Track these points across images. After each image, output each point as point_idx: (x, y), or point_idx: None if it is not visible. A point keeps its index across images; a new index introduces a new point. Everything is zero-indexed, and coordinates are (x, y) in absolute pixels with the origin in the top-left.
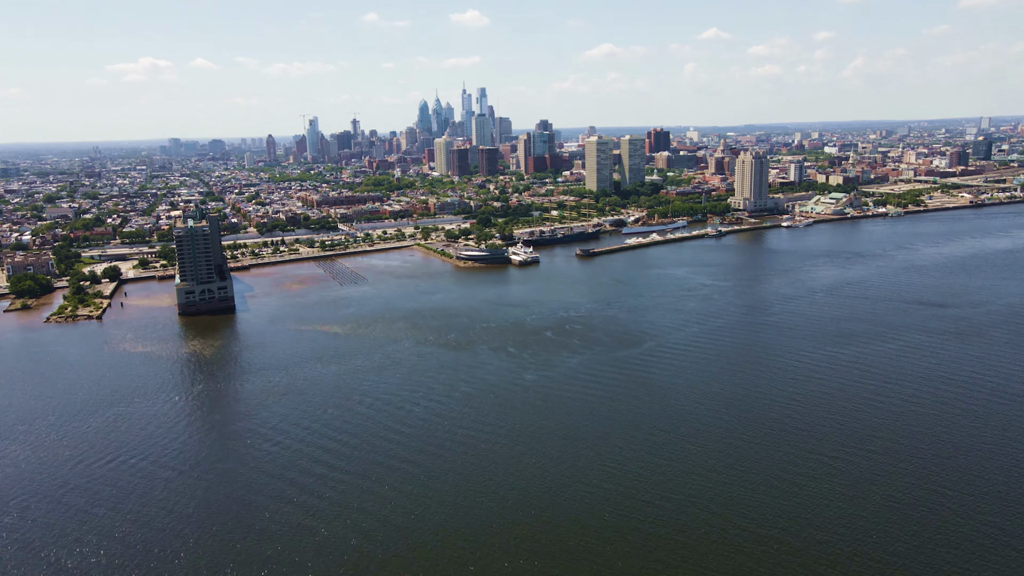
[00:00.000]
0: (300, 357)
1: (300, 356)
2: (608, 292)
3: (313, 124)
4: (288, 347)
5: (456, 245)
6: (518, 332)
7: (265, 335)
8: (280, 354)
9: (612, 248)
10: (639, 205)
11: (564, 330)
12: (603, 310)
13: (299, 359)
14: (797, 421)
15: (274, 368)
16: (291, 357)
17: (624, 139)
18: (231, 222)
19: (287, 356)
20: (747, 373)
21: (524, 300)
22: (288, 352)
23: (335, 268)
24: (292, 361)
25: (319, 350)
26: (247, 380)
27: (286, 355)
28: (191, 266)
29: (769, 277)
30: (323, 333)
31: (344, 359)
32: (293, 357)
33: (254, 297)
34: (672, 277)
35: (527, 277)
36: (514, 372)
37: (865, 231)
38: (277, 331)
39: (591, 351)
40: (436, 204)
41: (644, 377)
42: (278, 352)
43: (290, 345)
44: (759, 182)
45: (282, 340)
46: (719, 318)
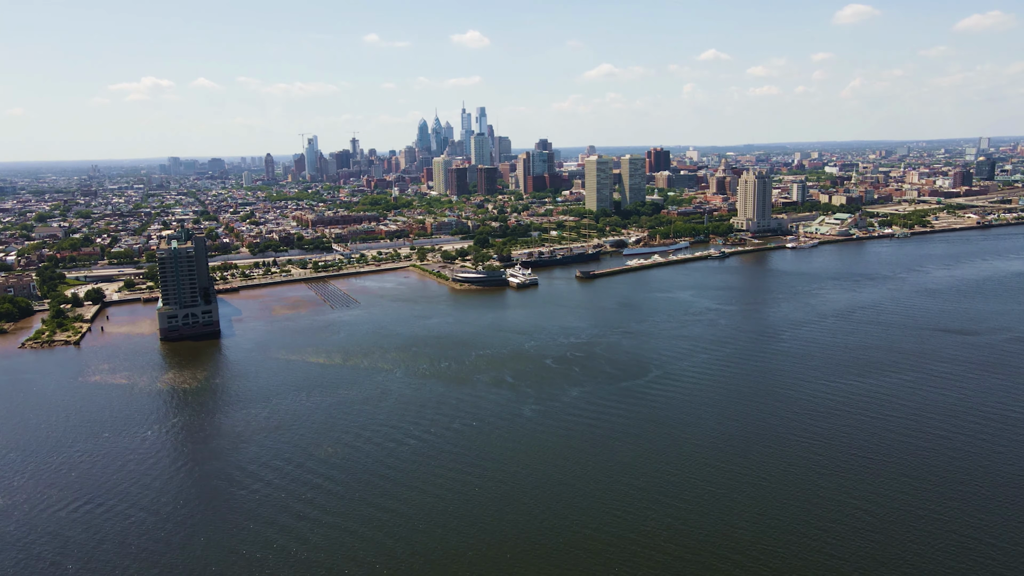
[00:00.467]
0: (286, 387)
1: (286, 386)
2: (610, 317)
3: (312, 143)
4: (274, 376)
5: (453, 267)
6: (516, 360)
7: (250, 363)
8: (265, 384)
9: (613, 270)
10: (640, 225)
11: (565, 358)
12: (605, 336)
13: (285, 389)
14: (817, 461)
15: (258, 399)
16: (277, 387)
17: (624, 158)
18: (223, 242)
19: (272, 386)
20: (760, 407)
21: (523, 325)
22: (274, 382)
23: (327, 290)
24: (278, 392)
25: (306, 380)
26: (230, 413)
27: (271, 385)
28: (174, 289)
29: (777, 301)
30: (311, 361)
31: (333, 390)
32: (279, 387)
33: (241, 321)
34: (676, 301)
35: (525, 300)
36: (512, 405)
37: (872, 252)
38: (263, 358)
39: (593, 381)
40: (433, 224)
41: (650, 411)
42: (263, 382)
43: (276, 374)
44: (762, 202)
45: (267, 368)
46: (727, 345)
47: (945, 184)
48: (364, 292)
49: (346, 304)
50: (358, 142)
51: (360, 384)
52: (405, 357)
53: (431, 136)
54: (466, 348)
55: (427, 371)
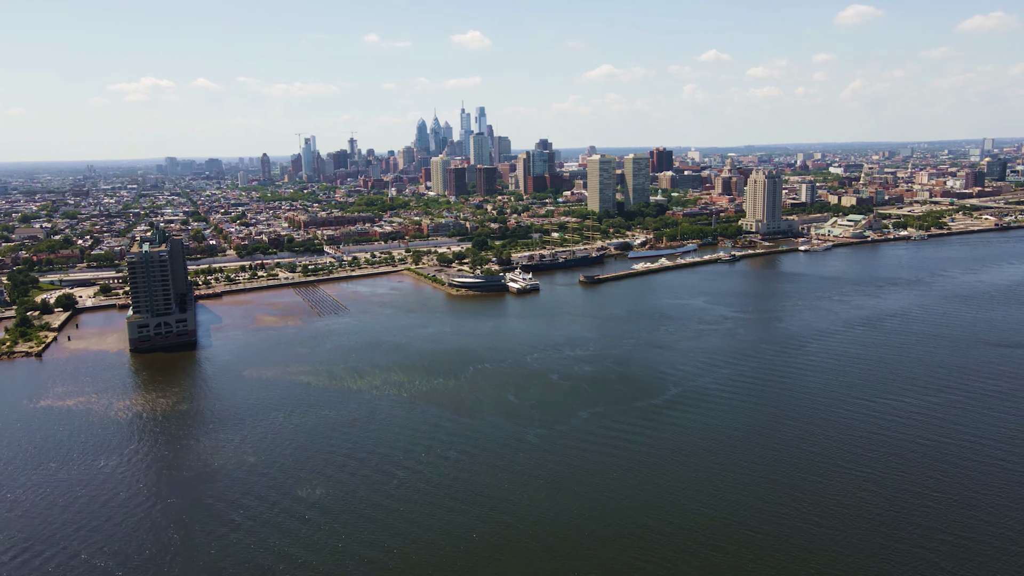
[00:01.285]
0: (264, 408)
1: (265, 406)
2: (618, 326)
3: (309, 143)
4: (251, 395)
5: (449, 271)
6: (519, 375)
7: (225, 379)
8: (241, 404)
9: (618, 274)
10: (644, 227)
11: (572, 373)
12: (614, 347)
13: (263, 410)
14: (870, 501)
15: (232, 423)
16: (254, 408)
17: (628, 157)
18: (210, 244)
19: (249, 407)
20: (795, 432)
21: (524, 335)
22: (251, 402)
23: (315, 296)
24: (255, 413)
25: (287, 399)
26: (199, 439)
27: (248, 406)
28: (145, 296)
29: (796, 308)
30: (294, 376)
31: (316, 410)
32: (256, 408)
33: (221, 330)
34: (688, 308)
35: (526, 308)
36: (515, 428)
37: (889, 255)
38: (240, 374)
39: (605, 400)
40: (430, 225)
41: (672, 437)
42: (239, 402)
43: (254, 392)
44: (772, 203)
45: (245, 386)
46: (750, 358)
47: (956, 185)
48: (355, 298)
49: (335, 311)
50: (356, 142)
51: (346, 404)
52: (397, 372)
53: (430, 136)
54: (463, 361)
55: (420, 388)
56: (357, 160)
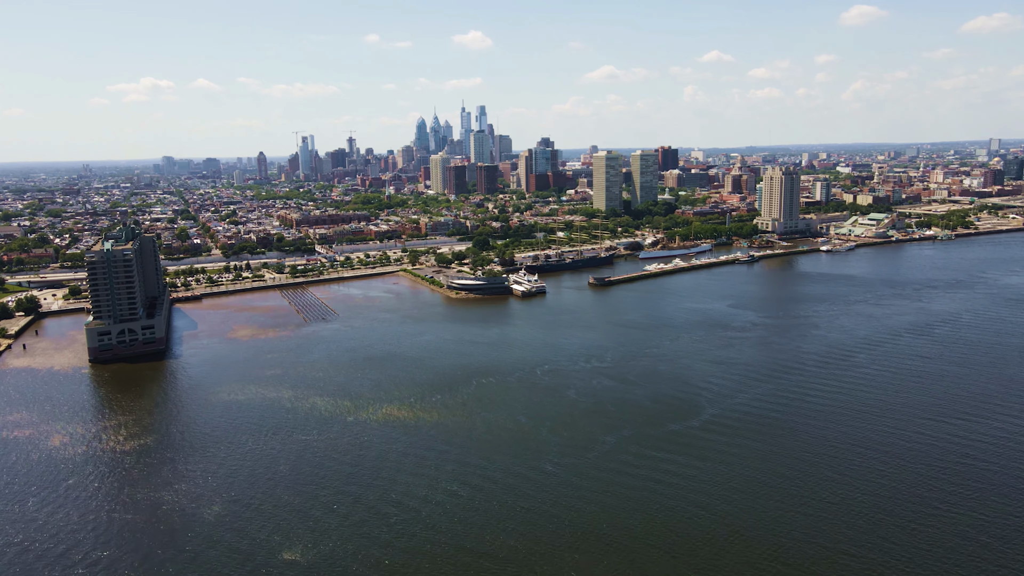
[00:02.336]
0: (239, 432)
1: (239, 430)
2: (638, 334)
3: (306, 141)
4: (224, 416)
5: (448, 272)
6: (529, 391)
7: (193, 398)
8: (212, 428)
9: (630, 276)
10: (654, 226)
11: (591, 389)
12: (636, 358)
13: (237, 435)
14: (980, 555)
15: (201, 453)
16: (226, 433)
17: (635, 154)
18: (194, 243)
19: (221, 431)
20: (866, 465)
21: (533, 343)
22: (223, 425)
23: (303, 299)
24: (227, 439)
25: (266, 421)
26: (161, 473)
27: (220, 429)
28: (107, 300)
29: (832, 313)
30: (273, 393)
31: (299, 435)
32: (229, 432)
33: (196, 337)
34: (712, 313)
35: (533, 312)
36: (528, 457)
37: (917, 256)
38: (212, 390)
39: (632, 422)
40: (428, 224)
41: (717, 470)
42: (209, 424)
43: (227, 413)
44: (790, 201)
45: (217, 405)
46: (793, 372)
47: (974, 184)
48: (346, 301)
49: (323, 316)
50: (355, 141)
51: (333, 428)
52: (391, 388)
53: (430, 135)
54: (466, 375)
55: (417, 408)
56: (356, 159)
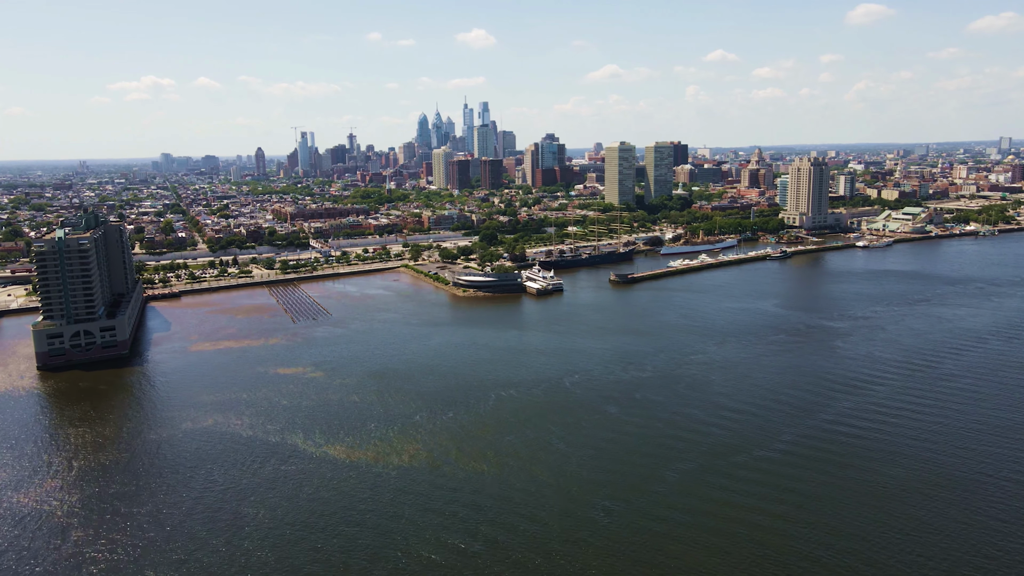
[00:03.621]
0: (206, 469)
1: (206, 465)
2: (676, 337)
3: (306, 137)
4: (188, 444)
5: (454, 268)
6: (560, 407)
7: (151, 419)
8: (172, 460)
9: (655, 272)
10: (671, 221)
11: (636, 405)
12: (681, 366)
13: (204, 473)
14: None
15: (153, 499)
16: (189, 470)
17: (649, 146)
18: (178, 237)
19: (183, 468)
20: (1013, 505)
21: (557, 349)
22: (186, 457)
23: (293, 297)
24: (190, 479)
25: (234, 456)
26: (100, 523)
27: (182, 464)
28: (58, 297)
29: (895, 314)
30: (250, 413)
31: (274, 466)
32: (193, 469)
33: (168, 340)
34: (757, 313)
35: (551, 312)
36: (573, 497)
37: (964, 252)
38: (176, 408)
39: (694, 450)
40: (431, 218)
41: (811, 517)
42: (169, 455)
43: (193, 440)
44: (818, 195)
45: (180, 428)
46: (873, 383)
47: (1001, 179)
48: (342, 299)
49: (314, 316)
50: (355, 137)
51: (316, 462)
52: (391, 403)
53: (431, 131)
54: (482, 386)
55: (425, 431)
56: (356, 156)
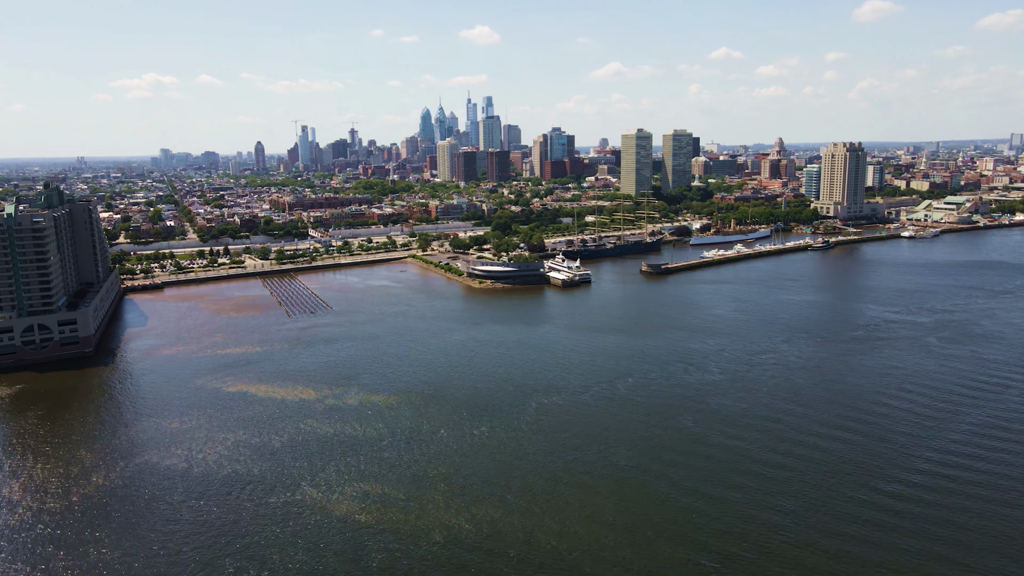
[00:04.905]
0: (160, 522)
1: (160, 521)
2: (735, 332)
3: (306, 131)
4: (141, 489)
5: (467, 257)
6: (621, 417)
7: (116, 432)
8: (129, 496)
9: (690, 263)
10: (694, 212)
11: (710, 414)
12: (753, 366)
13: (153, 530)
14: None
15: (97, 538)
16: (139, 526)
17: (667, 134)
18: (166, 225)
19: (134, 496)
20: None
21: (600, 347)
22: (136, 504)
23: (289, 289)
24: (139, 514)
25: (206, 508)
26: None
27: (134, 493)
28: (7, 284)
29: (982, 308)
30: (237, 433)
31: (266, 530)
32: (144, 525)
33: (141, 337)
34: (818, 306)
35: (581, 306)
36: (659, 552)
37: (1020, 242)
38: (140, 426)
39: (808, 477)
40: (439, 207)
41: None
42: (124, 489)
43: (145, 482)
44: (854, 183)
45: (140, 455)
46: (1000, 389)
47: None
48: (344, 292)
49: (311, 309)
50: (357, 132)
51: (311, 500)
52: (405, 417)
53: (435, 126)
54: (519, 391)
55: (455, 454)
56: (358, 150)
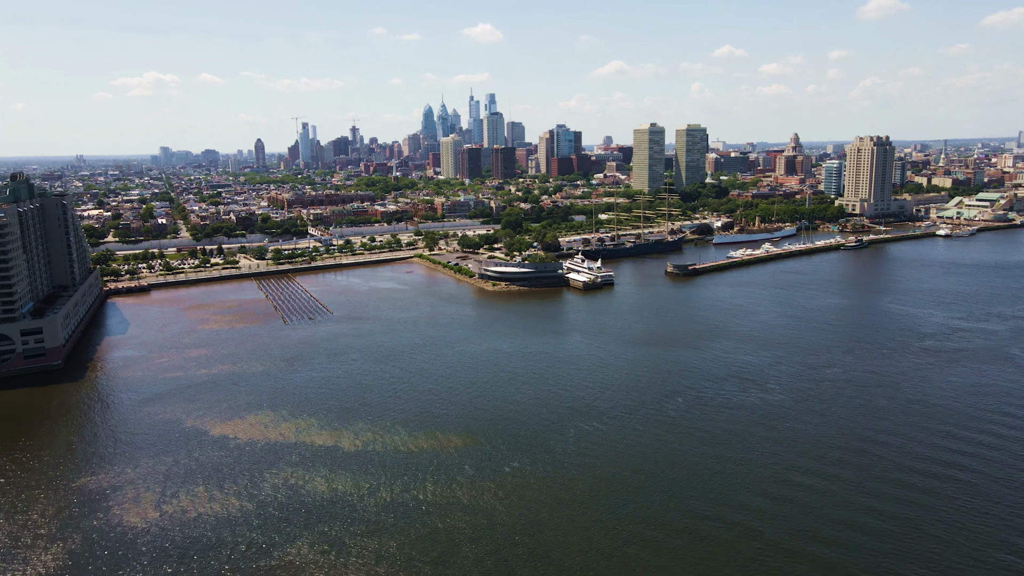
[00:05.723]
0: (127, 558)
1: (127, 558)
2: (785, 341)
3: (306, 128)
4: (102, 559)
5: (478, 258)
6: (678, 447)
7: (77, 467)
8: (82, 553)
9: (718, 264)
10: (711, 209)
11: (788, 443)
12: (816, 384)
13: (121, 568)
14: None
15: None
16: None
17: (680, 128)
18: (158, 223)
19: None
20: None
21: (636, 360)
22: (113, 548)
23: (286, 292)
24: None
25: (183, 544)
26: None
27: (101, 557)
28: None
29: None
30: (203, 478)
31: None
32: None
33: (121, 347)
34: (873, 312)
35: (607, 311)
36: None
37: None
38: (106, 459)
39: (957, 537)
40: (445, 204)
41: None
42: (84, 550)
43: (113, 550)
44: (882, 179)
45: (106, 512)
46: None
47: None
48: (346, 294)
49: (311, 315)
50: (358, 130)
51: (314, 552)
52: (425, 453)
53: (437, 123)
54: (551, 414)
55: (489, 494)
56: (359, 148)
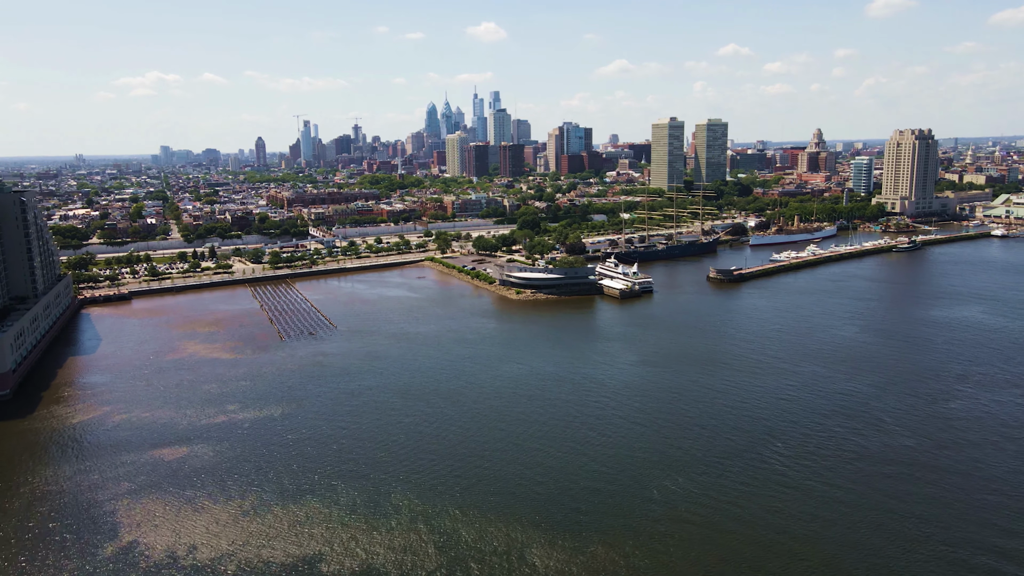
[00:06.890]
0: None
1: None
2: (882, 364)
3: (308, 126)
4: None
5: (498, 262)
6: (796, 516)
7: (7, 554)
8: None
9: (766, 268)
10: (738, 208)
11: (945, 507)
12: (943, 423)
13: None
14: None
15: None
16: None
17: (701, 123)
18: (147, 223)
19: None
20: None
21: (713, 390)
22: None
23: (284, 301)
24: None
25: None
26: None
27: None
28: None
29: None
30: (214, 549)
31: None
32: None
33: (84, 371)
34: (973, 328)
35: (654, 325)
36: None
37: None
38: (47, 543)
39: None
40: (455, 203)
41: None
42: None
43: None
44: (924, 176)
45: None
46: None
47: None
48: (351, 304)
49: (312, 329)
50: (361, 128)
51: None
52: (462, 522)
53: (441, 121)
54: (624, 468)
55: None
56: (362, 146)
